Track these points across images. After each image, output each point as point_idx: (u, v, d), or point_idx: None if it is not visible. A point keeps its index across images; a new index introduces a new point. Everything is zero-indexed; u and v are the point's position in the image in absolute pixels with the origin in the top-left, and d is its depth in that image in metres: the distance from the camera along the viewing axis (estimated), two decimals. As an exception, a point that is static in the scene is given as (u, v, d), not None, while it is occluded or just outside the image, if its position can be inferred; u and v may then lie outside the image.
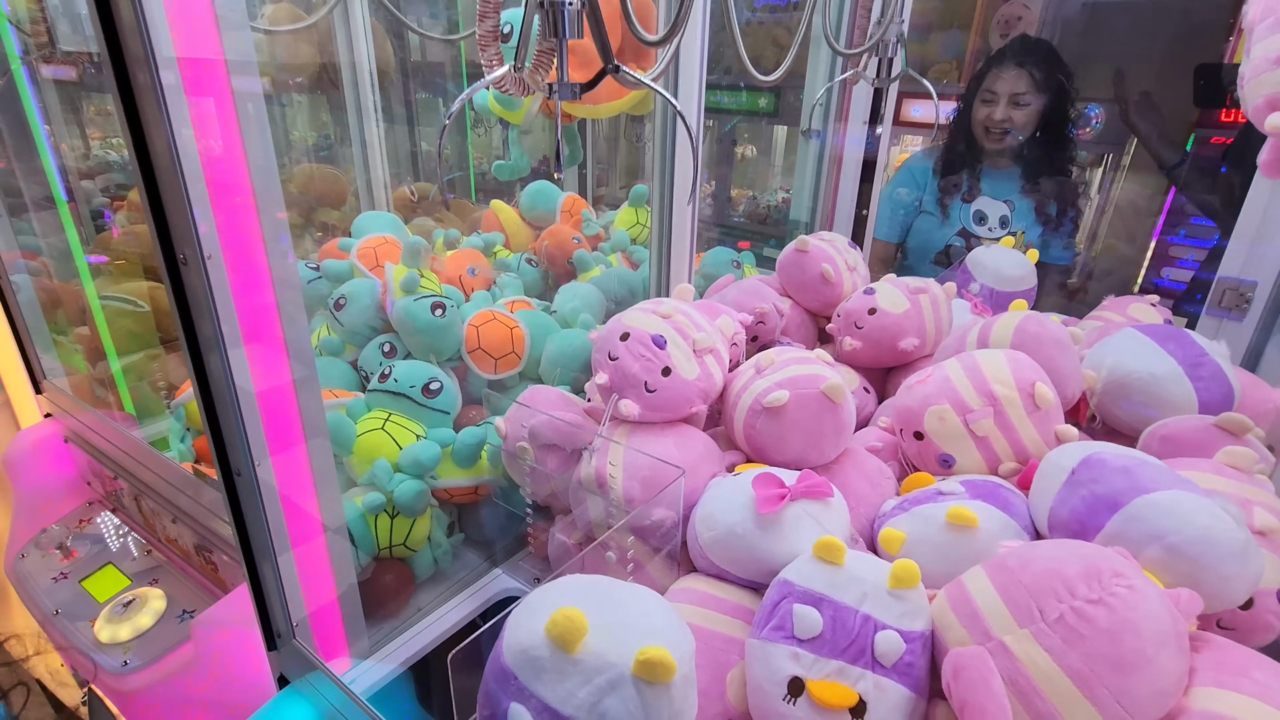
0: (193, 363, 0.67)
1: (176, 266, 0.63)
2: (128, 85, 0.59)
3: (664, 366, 0.99)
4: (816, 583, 0.73)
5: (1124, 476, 0.75)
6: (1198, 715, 0.61)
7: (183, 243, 0.61)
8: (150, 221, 0.61)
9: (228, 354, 0.66)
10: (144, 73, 0.58)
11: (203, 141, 0.64)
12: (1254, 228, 1.50)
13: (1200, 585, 0.68)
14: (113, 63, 0.58)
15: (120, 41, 0.57)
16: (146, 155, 0.59)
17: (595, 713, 0.53)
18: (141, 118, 0.60)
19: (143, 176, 0.59)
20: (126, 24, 0.56)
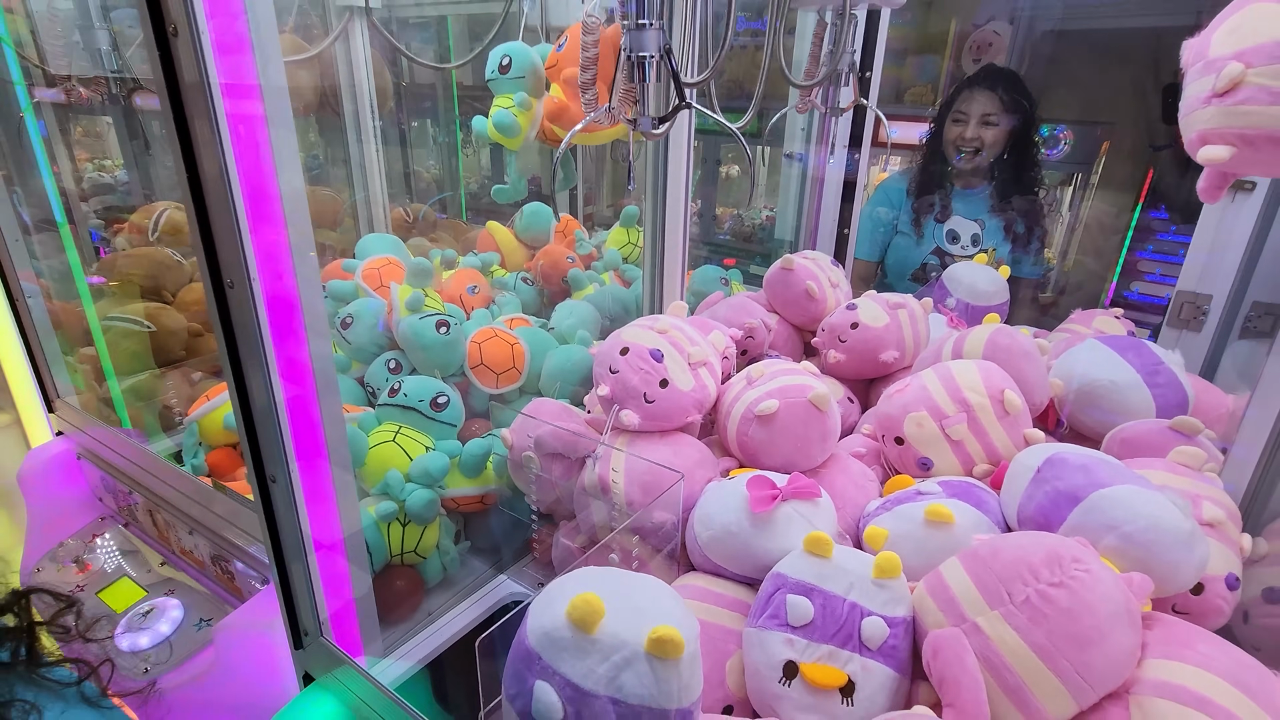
0: (234, 379, 0.73)
1: (223, 290, 0.69)
2: (183, 114, 0.65)
3: (661, 379, 1.06)
4: (807, 574, 0.79)
5: (1083, 474, 0.83)
6: (1149, 684, 0.68)
7: (230, 268, 0.67)
8: (200, 248, 0.67)
9: (270, 371, 0.72)
10: (200, 99, 0.63)
11: (244, 168, 0.70)
12: (1208, 244, 1.61)
13: (1151, 570, 0.75)
14: (169, 92, 0.64)
15: (176, 70, 0.63)
16: (198, 182, 0.65)
17: (613, 686, 0.59)
18: (194, 146, 0.66)
19: (194, 204, 0.65)
20: (183, 52, 0.61)
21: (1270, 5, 0.73)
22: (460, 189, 3.52)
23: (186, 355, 1.78)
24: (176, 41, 0.58)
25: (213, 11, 0.62)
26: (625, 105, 0.94)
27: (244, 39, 0.67)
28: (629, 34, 0.87)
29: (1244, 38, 0.74)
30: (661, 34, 0.88)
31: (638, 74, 0.89)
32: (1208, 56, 0.78)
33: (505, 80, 1.49)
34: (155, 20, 0.57)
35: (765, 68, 1.41)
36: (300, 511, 0.81)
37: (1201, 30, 0.82)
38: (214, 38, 0.63)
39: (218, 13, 0.62)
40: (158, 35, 0.58)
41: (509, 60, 1.47)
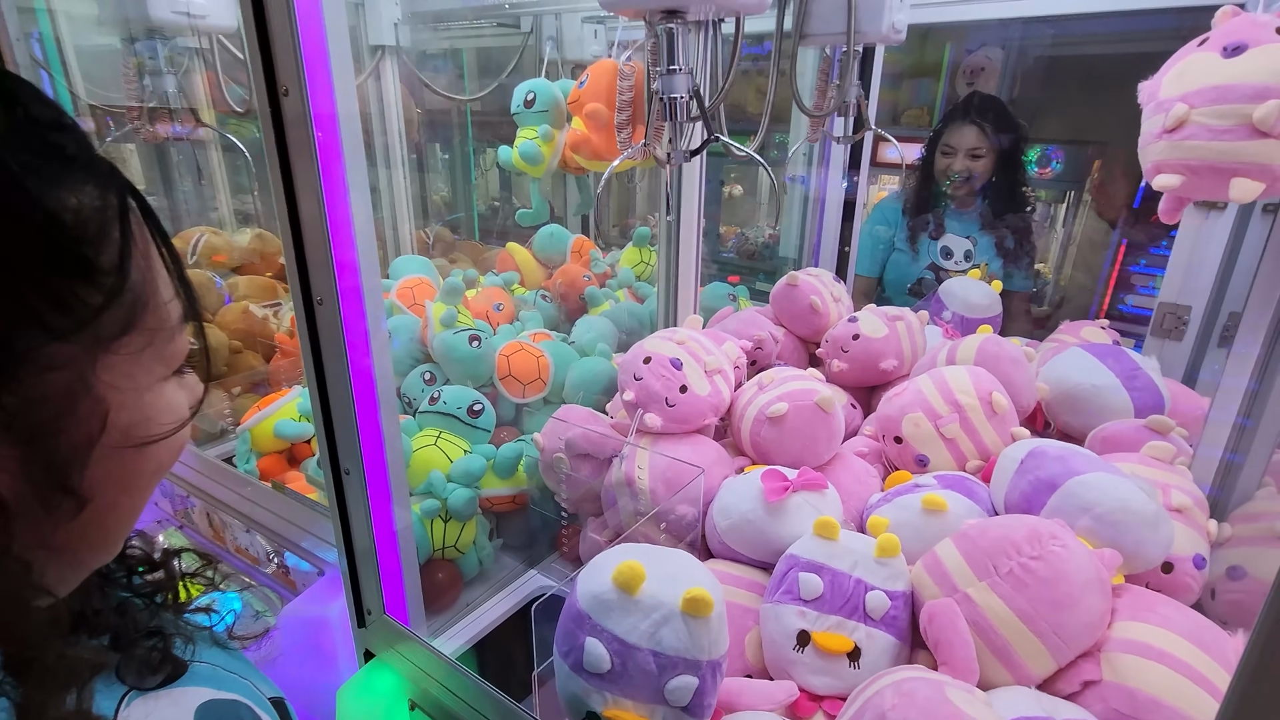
0: (317, 383, 0.83)
1: (313, 306, 0.80)
2: (284, 142, 0.76)
3: (681, 385, 1.16)
4: (817, 554, 0.90)
5: (1060, 463, 0.93)
6: (1117, 642, 0.78)
7: (321, 286, 0.79)
8: (294, 270, 0.78)
9: (348, 376, 0.82)
10: (300, 130, 0.75)
11: (331, 201, 0.81)
12: (1186, 258, 1.71)
13: (1121, 547, 0.85)
14: (273, 121, 0.75)
15: (283, 123, 0.74)
16: (296, 212, 0.76)
17: (654, 640, 0.70)
18: (293, 171, 0.77)
19: (292, 231, 0.77)
20: (291, 109, 0.73)
21: (1210, 55, 0.85)
22: (473, 211, 3.65)
23: (227, 371, 1.89)
24: (287, 101, 0.70)
25: (312, 72, 0.73)
26: (656, 141, 1.06)
27: (330, 89, 0.79)
28: (662, 79, 0.98)
29: (1188, 82, 0.85)
30: (690, 77, 0.99)
31: (670, 113, 1.00)
32: (1159, 97, 0.90)
33: (530, 114, 1.62)
34: (269, 82, 0.69)
35: (770, 100, 1.53)
36: (369, 502, 0.91)
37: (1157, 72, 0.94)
38: (311, 91, 0.75)
39: (315, 72, 0.74)
40: (270, 95, 0.70)
41: (534, 96, 1.60)
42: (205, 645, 0.58)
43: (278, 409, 1.49)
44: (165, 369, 0.43)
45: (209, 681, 0.53)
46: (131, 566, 0.56)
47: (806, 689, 0.85)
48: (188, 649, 0.54)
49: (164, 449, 0.43)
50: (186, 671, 0.51)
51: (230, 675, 0.56)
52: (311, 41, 0.68)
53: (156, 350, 0.41)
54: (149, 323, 0.40)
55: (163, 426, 0.42)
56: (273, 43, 0.68)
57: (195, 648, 0.55)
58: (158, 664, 0.49)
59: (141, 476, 0.43)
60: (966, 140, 2.11)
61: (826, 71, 1.68)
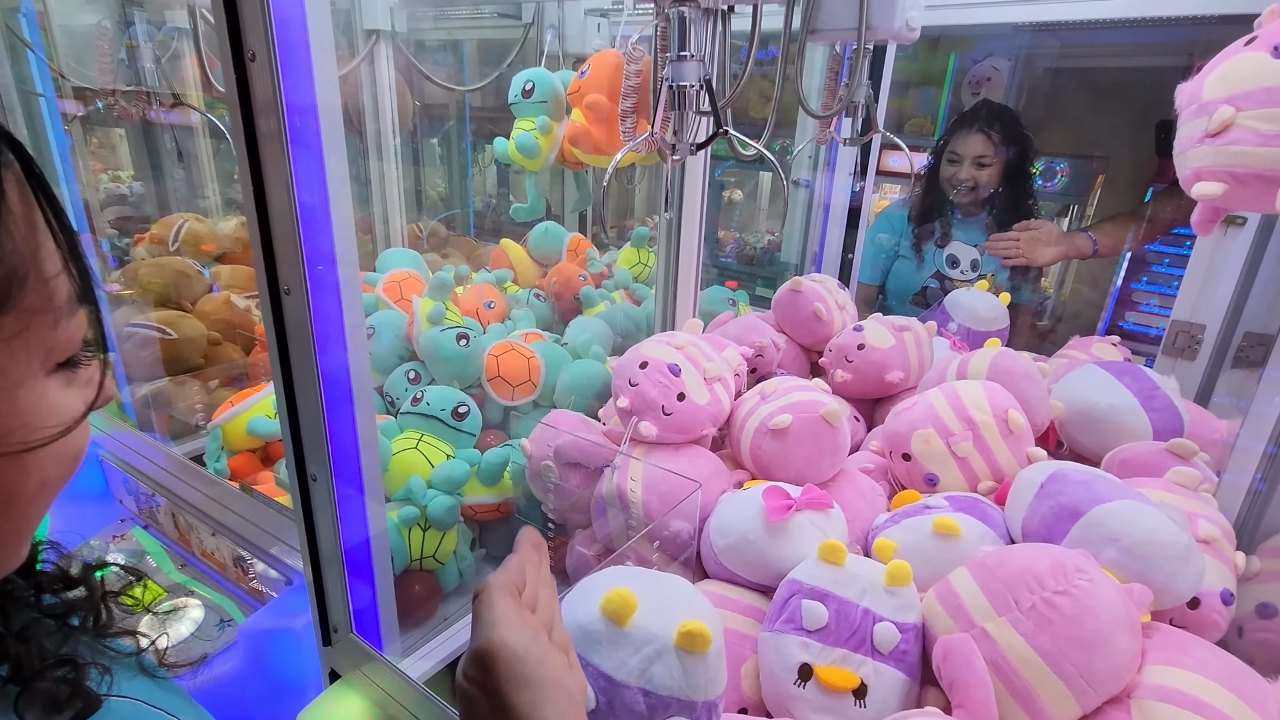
0: (283, 380, 0.76)
1: (279, 296, 0.73)
2: (250, 113, 0.69)
3: (679, 392, 1.10)
4: (822, 580, 0.83)
5: (1084, 489, 0.87)
6: (1149, 689, 0.71)
7: (288, 276, 0.72)
8: (259, 257, 0.71)
9: (319, 372, 0.75)
10: (267, 99, 0.68)
11: (302, 183, 0.74)
12: (1201, 275, 1.66)
13: (1149, 581, 0.79)
14: (238, 89, 0.69)
15: (250, 93, 0.67)
16: (263, 195, 0.69)
17: (644, 678, 0.63)
18: (259, 146, 0.70)
19: (258, 214, 0.70)
20: (259, 77, 0.66)
21: (1259, 55, 0.79)
22: (469, 208, 3.59)
23: (205, 363, 1.81)
24: (254, 66, 0.63)
25: (282, 38, 0.67)
26: (664, 131, 1.00)
27: (307, 63, 0.72)
28: (672, 65, 0.92)
29: (1234, 83, 0.79)
30: (702, 66, 0.93)
31: (678, 102, 0.94)
32: (1201, 99, 0.84)
33: (528, 104, 1.55)
34: (235, 46, 0.62)
35: (777, 100, 1.47)
36: (337, 511, 0.84)
37: (1194, 73, 0.88)
38: (282, 62, 0.68)
39: (286, 40, 0.67)
40: (236, 60, 0.63)
41: (532, 85, 1.53)
42: (129, 675, 0.51)
43: (252, 405, 1.41)
44: (47, 361, 0.36)
45: (129, 719, 0.47)
46: (41, 583, 0.49)
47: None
48: (104, 681, 0.47)
49: (48, 460, 0.37)
50: (100, 707, 0.45)
51: (154, 711, 0.50)
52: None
53: (35, 337, 0.35)
54: (26, 303, 0.34)
55: (40, 431, 0.36)
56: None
57: (113, 679, 0.48)
58: (66, 699, 0.43)
59: (22, 495, 0.37)
60: (973, 148, 2.06)
61: (836, 70, 1.62)
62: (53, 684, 0.43)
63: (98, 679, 0.46)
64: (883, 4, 1.37)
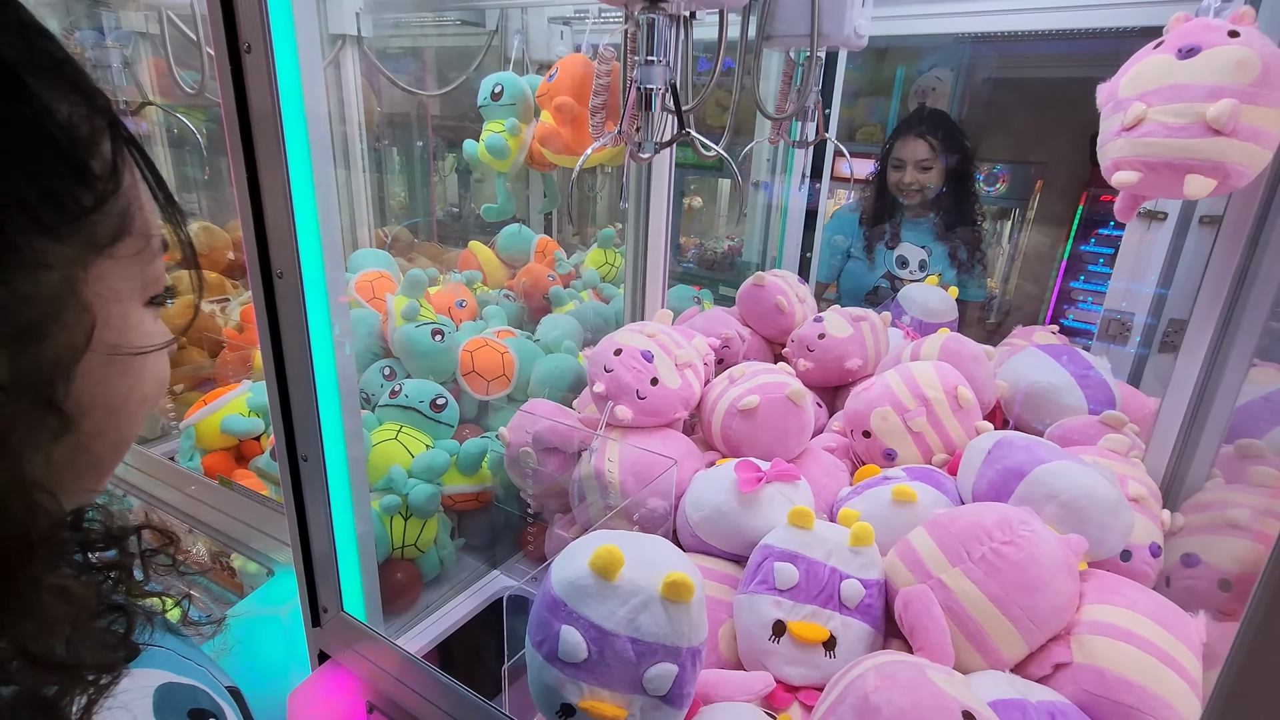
0: (274, 362, 0.79)
1: (271, 279, 0.75)
2: (244, 104, 0.72)
3: (652, 377, 1.15)
4: (792, 544, 0.89)
5: (1027, 452, 0.95)
6: (1085, 624, 0.79)
7: (281, 259, 0.74)
8: (251, 236, 0.73)
9: (310, 356, 0.78)
10: (262, 90, 0.71)
11: (294, 159, 0.77)
12: (1129, 269, 1.79)
13: (1085, 532, 0.87)
14: (234, 80, 0.71)
15: (240, 60, 0.70)
16: (255, 171, 0.72)
17: (632, 626, 0.67)
18: (253, 137, 0.73)
19: (250, 198, 0.72)
20: (250, 39, 0.69)
21: (1165, 56, 0.89)
22: (433, 215, 3.59)
23: (171, 367, 1.79)
24: (249, 59, 0.66)
25: (278, 22, 0.70)
26: (630, 128, 1.05)
27: (292, 48, 0.75)
28: (640, 68, 0.98)
29: (1145, 82, 0.89)
30: (668, 70, 0.99)
31: (644, 103, 1.00)
32: (1117, 97, 0.93)
33: (496, 107, 1.59)
34: (230, 39, 0.66)
35: (735, 104, 1.54)
36: (328, 491, 0.86)
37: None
38: (277, 49, 0.71)
39: (280, 25, 0.71)
40: (231, 51, 0.66)
41: (501, 88, 1.57)
42: (159, 630, 0.54)
43: (225, 404, 1.41)
44: (144, 291, 0.41)
45: (167, 665, 0.49)
46: (88, 540, 0.52)
47: (782, 680, 0.84)
48: (145, 631, 0.50)
49: (148, 377, 0.42)
50: (142, 653, 0.47)
51: (187, 662, 0.53)
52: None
53: (139, 265, 0.40)
54: (137, 236, 0.39)
55: (144, 347, 0.41)
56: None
57: (154, 630, 0.51)
58: (116, 644, 0.45)
59: (129, 404, 0.41)
60: (915, 153, 2.17)
61: (789, 74, 1.70)
62: (105, 628, 0.45)
63: (140, 630, 0.49)
64: (833, 12, 1.45)
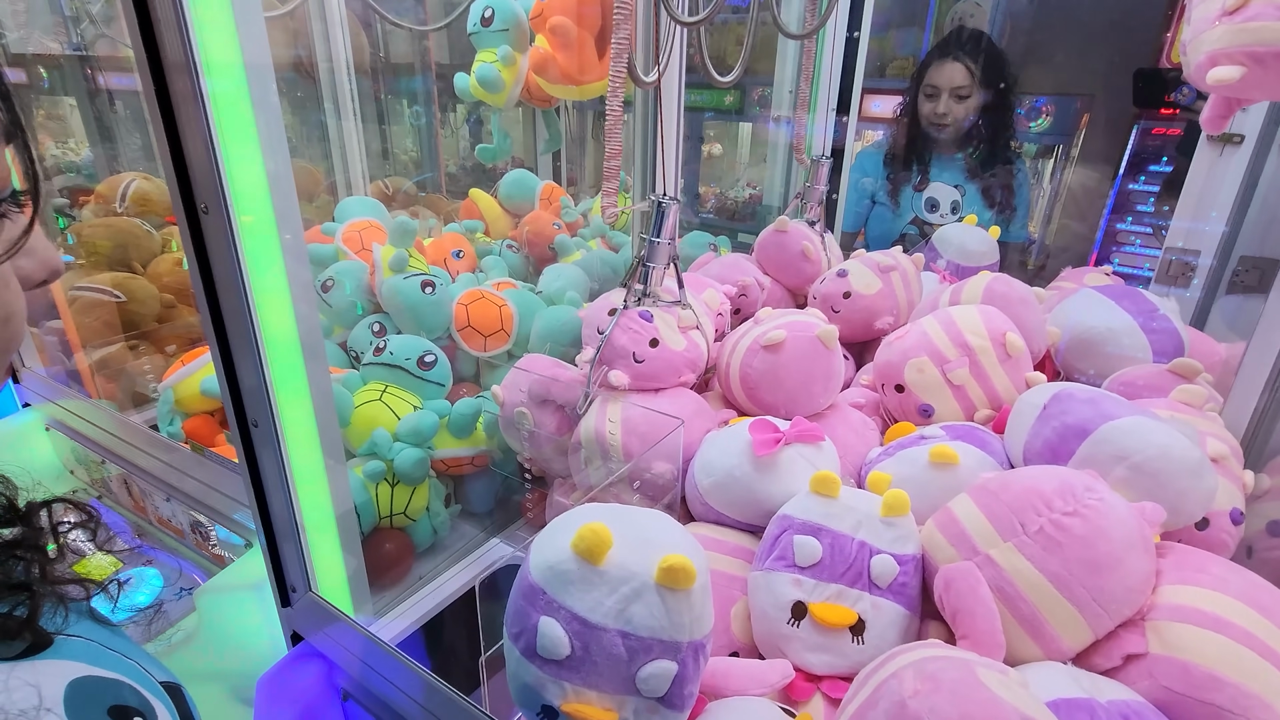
0: (210, 314, 0.68)
1: (196, 214, 0.64)
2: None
3: (652, 338, 1.03)
4: (814, 514, 0.77)
5: (1090, 407, 0.82)
6: (1165, 609, 0.67)
7: (205, 193, 0.63)
8: (171, 173, 0.62)
9: (250, 303, 0.67)
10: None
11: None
12: (1193, 206, 1.61)
13: (1161, 499, 0.74)
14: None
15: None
16: (168, 99, 0.60)
17: (622, 619, 0.57)
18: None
19: (165, 124, 0.61)
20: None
21: (1280, -79, 0.71)
22: (440, 169, 3.46)
23: (159, 326, 1.72)
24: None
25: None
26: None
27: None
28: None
29: (1255, -48, 0.72)
30: None
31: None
32: (1216, -24, 0.76)
33: (488, 34, 1.44)
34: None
35: (751, 34, 1.38)
36: (285, 458, 0.77)
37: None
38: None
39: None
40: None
41: (491, 12, 1.42)
42: (79, 618, 0.47)
43: (204, 364, 1.32)
44: None
45: (83, 656, 0.43)
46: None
47: (803, 668, 0.74)
48: (56, 617, 0.43)
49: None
50: (51, 645, 0.42)
51: (110, 653, 0.45)
52: None
53: None
54: None
55: None
56: None
57: (67, 616, 0.44)
58: (16, 630, 0.40)
59: None
60: (952, 78, 1.96)
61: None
62: (4, 614, 0.40)
63: (50, 615, 0.43)
64: None
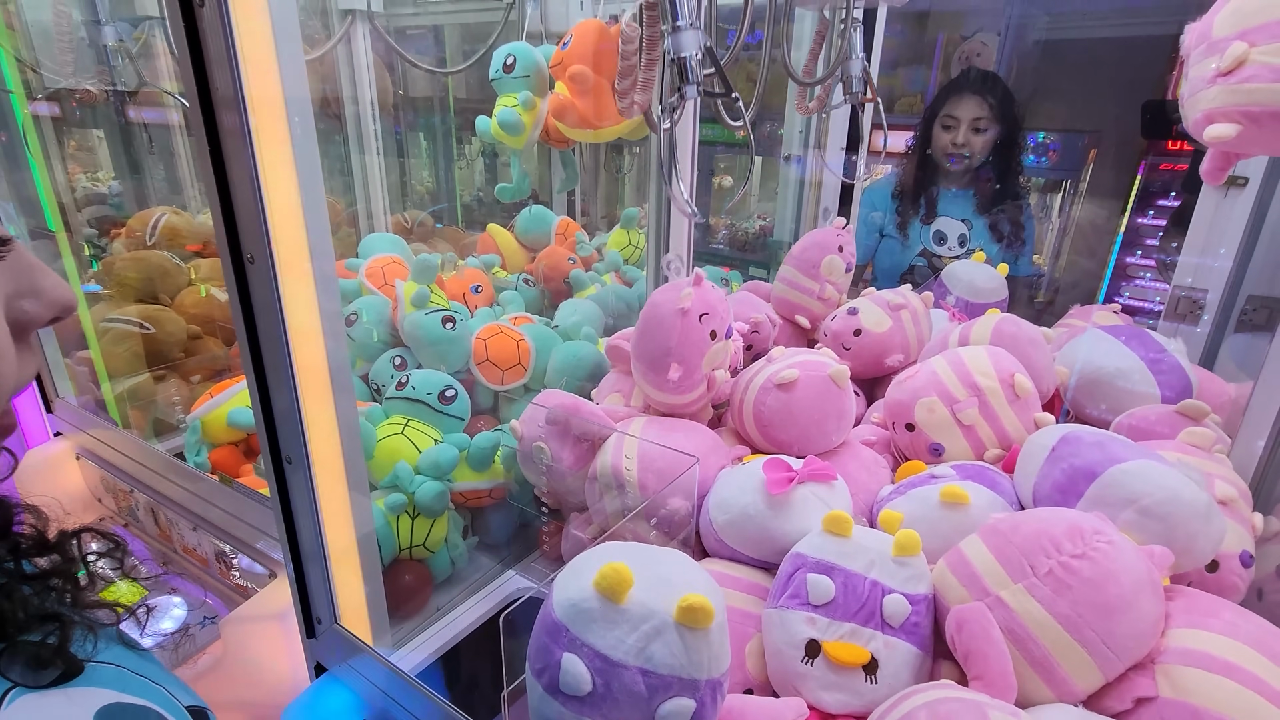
0: (252, 358, 0.72)
1: (243, 265, 0.68)
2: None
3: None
4: (828, 553, 0.79)
5: (1099, 450, 0.83)
6: (1174, 652, 0.68)
7: (250, 242, 0.67)
8: (220, 223, 0.66)
9: (289, 351, 0.71)
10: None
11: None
12: (1201, 241, 1.63)
13: (1170, 542, 0.75)
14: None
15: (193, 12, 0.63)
16: (217, 136, 0.65)
17: (643, 656, 0.59)
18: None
19: (216, 178, 0.65)
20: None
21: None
22: (456, 200, 3.53)
23: (185, 358, 1.76)
24: (203, 11, 0.59)
25: None
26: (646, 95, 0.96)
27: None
28: (671, 36, 0.92)
29: (1246, 18, 0.75)
30: (700, 33, 0.91)
31: (681, 74, 0.92)
32: (1211, 38, 0.80)
33: (509, 80, 1.50)
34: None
35: (764, 72, 1.43)
36: (315, 492, 0.80)
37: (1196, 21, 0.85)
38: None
39: None
40: (186, 15, 0.59)
41: (513, 60, 1.48)
42: (108, 644, 0.48)
43: (231, 396, 1.36)
44: None
45: (113, 683, 0.44)
46: (18, 546, 0.46)
47: (817, 706, 0.75)
48: (87, 644, 0.45)
49: None
50: (82, 671, 0.43)
51: (139, 679, 0.47)
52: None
53: None
54: None
55: None
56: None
57: (97, 643, 0.46)
58: (49, 658, 0.41)
59: None
60: (971, 110, 2.01)
61: (824, 34, 1.58)
62: (36, 643, 0.41)
63: (81, 642, 0.45)
64: None
